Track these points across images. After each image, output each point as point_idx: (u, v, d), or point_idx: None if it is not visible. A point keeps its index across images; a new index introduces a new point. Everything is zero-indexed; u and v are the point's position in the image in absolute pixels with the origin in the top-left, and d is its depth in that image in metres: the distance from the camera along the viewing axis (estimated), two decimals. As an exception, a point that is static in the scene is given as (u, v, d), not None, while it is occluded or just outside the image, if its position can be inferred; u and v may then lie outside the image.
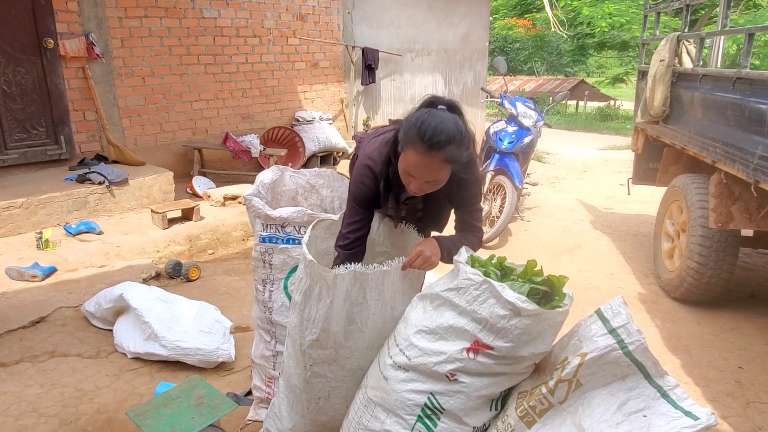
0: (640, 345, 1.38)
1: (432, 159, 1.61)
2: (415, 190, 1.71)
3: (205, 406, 2.01)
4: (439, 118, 1.62)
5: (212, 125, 6.19)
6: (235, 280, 3.91)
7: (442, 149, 1.60)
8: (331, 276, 1.60)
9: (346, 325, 1.69)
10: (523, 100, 5.51)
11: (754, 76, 2.91)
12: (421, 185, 1.69)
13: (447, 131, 1.60)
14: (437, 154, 1.60)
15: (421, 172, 1.65)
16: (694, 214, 3.51)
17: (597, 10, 15.33)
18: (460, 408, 1.55)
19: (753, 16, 12.95)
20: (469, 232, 1.93)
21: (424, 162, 1.62)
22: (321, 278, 1.63)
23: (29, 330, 3.08)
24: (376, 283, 1.64)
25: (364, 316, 1.69)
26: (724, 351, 3.17)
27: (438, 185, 1.72)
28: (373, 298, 1.67)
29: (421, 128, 1.60)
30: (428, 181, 1.67)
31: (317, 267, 1.62)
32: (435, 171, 1.64)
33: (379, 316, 1.71)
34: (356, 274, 1.61)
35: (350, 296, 1.64)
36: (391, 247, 2.06)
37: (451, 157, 1.62)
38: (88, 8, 5.02)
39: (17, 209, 4.10)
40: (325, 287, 1.64)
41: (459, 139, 1.62)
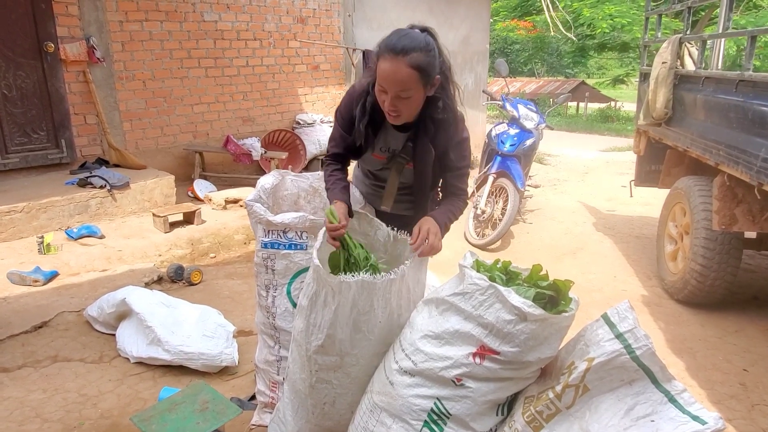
0: (648, 350, 1.38)
1: (398, 63, 1.65)
2: (390, 107, 1.74)
3: (209, 411, 2.01)
4: (407, 31, 1.72)
5: (213, 128, 6.19)
6: (238, 284, 3.91)
7: (408, 54, 1.65)
8: (336, 282, 1.60)
9: (352, 333, 1.68)
10: (525, 103, 5.51)
11: (757, 79, 2.91)
12: (393, 101, 1.72)
13: (413, 38, 1.68)
14: (403, 58, 1.65)
15: (389, 79, 1.68)
16: (698, 217, 3.51)
17: (598, 11, 15.34)
18: (467, 413, 1.54)
19: (754, 16, 12.95)
20: (454, 196, 1.97)
21: (392, 67, 1.66)
22: (327, 284, 1.63)
23: (31, 335, 3.08)
24: (383, 291, 1.63)
25: (371, 325, 1.68)
26: (729, 353, 3.16)
27: (410, 104, 1.74)
28: (380, 306, 1.66)
29: (389, 38, 1.70)
30: (399, 93, 1.70)
31: (323, 272, 1.62)
32: (401, 78, 1.67)
33: (386, 323, 1.70)
34: (363, 283, 1.60)
35: (357, 305, 1.63)
36: (388, 256, 2.03)
37: (418, 63, 1.66)
38: (88, 12, 5.02)
39: (18, 213, 4.10)
40: (331, 293, 1.63)
41: (426, 49, 1.68)
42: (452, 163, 1.92)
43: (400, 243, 1.97)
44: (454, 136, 1.88)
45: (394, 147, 1.97)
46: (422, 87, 1.72)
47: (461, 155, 1.91)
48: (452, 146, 1.88)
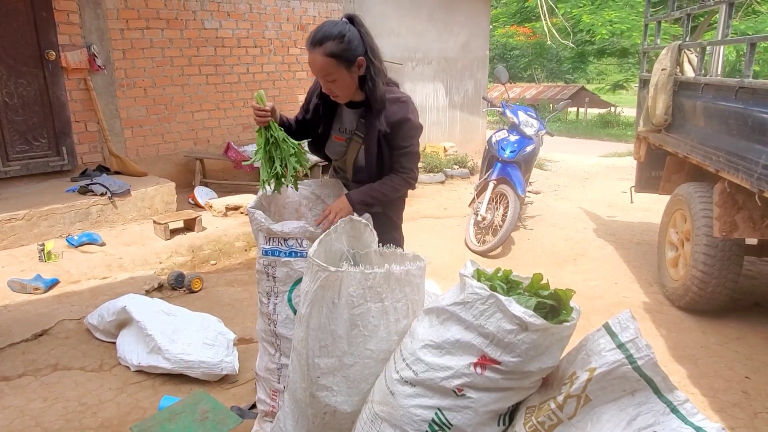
0: (650, 360, 1.37)
1: (315, 54, 1.93)
2: (326, 90, 2.04)
3: (209, 421, 2.00)
4: (324, 23, 1.97)
5: (214, 135, 6.20)
6: (238, 291, 3.90)
7: (321, 44, 1.91)
8: (334, 272, 1.64)
9: (348, 329, 1.69)
10: (525, 109, 5.52)
11: (757, 86, 2.91)
12: (326, 85, 2.01)
13: (325, 30, 1.92)
14: (318, 49, 1.91)
15: (314, 69, 1.97)
16: (698, 223, 3.50)
17: (597, 17, 15.37)
18: (468, 423, 1.53)
19: (753, 22, 12.98)
20: (395, 173, 2.14)
21: (312, 58, 1.95)
22: (327, 280, 1.65)
23: (32, 343, 3.07)
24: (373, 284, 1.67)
25: (365, 320, 1.69)
26: (730, 361, 3.15)
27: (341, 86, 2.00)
28: (372, 300, 1.68)
29: (310, 33, 1.96)
30: (324, 78, 1.98)
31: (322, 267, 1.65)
32: (320, 66, 1.94)
33: (382, 322, 1.71)
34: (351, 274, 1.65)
35: (351, 297, 1.66)
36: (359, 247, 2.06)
37: (331, 50, 1.91)
38: (89, 20, 5.04)
39: (19, 221, 4.10)
40: (330, 288, 1.65)
41: (338, 37, 1.91)
42: (395, 141, 2.09)
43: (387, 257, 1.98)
44: (397, 113, 2.06)
45: (350, 127, 2.18)
46: (344, 69, 1.96)
47: (405, 135, 2.09)
48: (395, 123, 2.06)
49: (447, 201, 6.67)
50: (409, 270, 1.74)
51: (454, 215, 6.06)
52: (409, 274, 1.75)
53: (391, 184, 2.13)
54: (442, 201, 6.66)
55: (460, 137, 8.95)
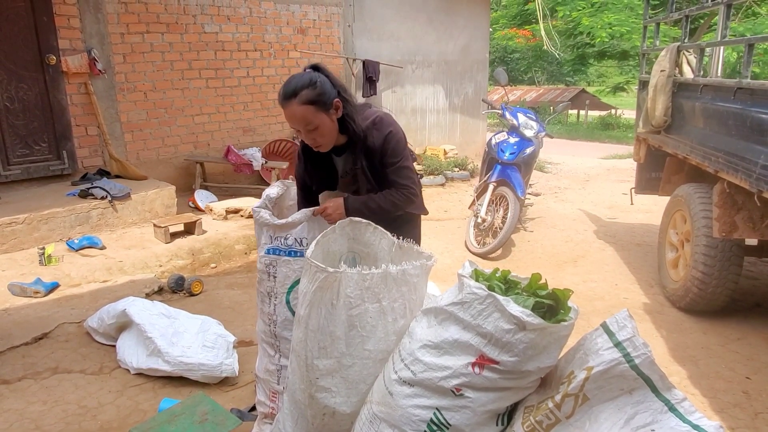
0: (647, 358, 1.37)
1: (291, 106, 1.90)
2: (309, 141, 2.01)
3: (209, 423, 2.00)
4: (292, 76, 1.95)
5: (214, 139, 6.21)
6: (238, 294, 3.91)
7: (296, 95, 1.89)
8: (332, 273, 1.64)
9: (347, 330, 1.69)
10: (525, 111, 5.52)
11: (755, 87, 2.91)
12: (308, 135, 1.98)
13: (296, 80, 1.92)
14: (293, 100, 1.90)
15: (294, 122, 1.94)
16: (698, 224, 3.50)
17: (596, 20, 15.40)
18: (466, 423, 1.53)
19: (752, 23, 13.00)
20: (393, 189, 2.11)
21: (289, 112, 1.92)
22: (327, 280, 1.65)
23: (32, 346, 3.08)
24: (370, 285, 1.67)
25: (363, 320, 1.69)
26: (731, 361, 3.15)
27: (323, 132, 1.97)
28: (369, 301, 1.68)
29: (281, 89, 1.94)
30: (306, 128, 1.95)
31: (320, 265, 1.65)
32: (300, 116, 1.91)
33: (380, 323, 1.71)
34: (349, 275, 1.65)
35: (349, 297, 1.66)
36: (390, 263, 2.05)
37: (307, 99, 1.90)
38: (90, 24, 5.06)
39: (20, 225, 4.11)
40: (329, 289, 1.65)
41: (311, 84, 1.91)
42: (386, 160, 2.09)
43: (406, 251, 1.98)
44: (378, 136, 2.06)
45: (349, 168, 2.18)
46: (324, 114, 1.95)
47: (392, 152, 2.08)
48: (378, 148, 2.06)
49: (447, 203, 6.67)
50: (405, 270, 1.74)
51: (455, 217, 6.07)
52: (406, 274, 1.75)
53: (390, 198, 2.11)
54: (442, 203, 6.66)
55: (461, 140, 8.96)
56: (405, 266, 1.75)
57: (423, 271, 1.81)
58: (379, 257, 2.01)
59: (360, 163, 2.13)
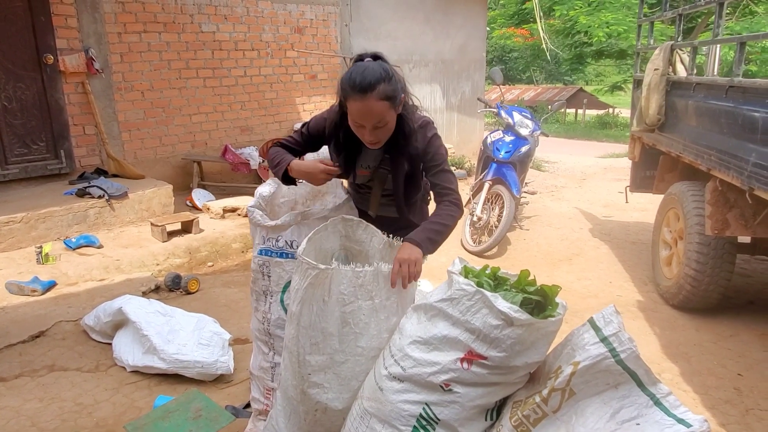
0: (632, 353, 1.39)
1: (368, 100, 1.77)
2: (370, 138, 1.86)
3: (203, 419, 2.02)
4: (363, 66, 1.82)
5: (211, 138, 6.22)
6: (235, 292, 3.92)
7: (375, 89, 1.76)
8: (323, 270, 1.66)
9: (340, 327, 1.72)
10: (520, 110, 5.54)
11: (747, 84, 2.93)
12: (372, 132, 1.84)
13: (374, 73, 1.78)
14: (372, 94, 1.76)
15: (365, 117, 1.80)
16: (691, 222, 3.53)
17: (594, 19, 15.41)
18: (455, 418, 1.55)
19: (749, 22, 13.02)
20: (444, 200, 1.99)
21: (364, 106, 1.78)
22: (318, 277, 1.67)
23: (29, 344, 3.09)
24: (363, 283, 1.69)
25: (356, 317, 1.72)
26: (723, 358, 3.17)
27: (388, 129, 1.87)
28: (363, 298, 1.70)
29: (351, 78, 1.79)
30: (376, 125, 1.83)
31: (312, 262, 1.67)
32: (377, 112, 1.79)
33: (372, 320, 1.73)
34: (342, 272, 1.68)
35: (342, 294, 1.69)
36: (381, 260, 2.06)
37: (385, 94, 1.78)
38: (87, 24, 5.07)
39: (17, 224, 4.12)
40: (320, 286, 1.67)
41: (387, 78, 1.79)
42: (429, 163, 2.01)
43: (396, 249, 1.99)
44: (421, 141, 1.98)
45: (373, 163, 2.10)
46: (393, 112, 1.85)
47: (433, 155, 2.00)
48: (421, 151, 1.99)
49: (444, 202, 6.67)
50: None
51: (451, 216, 6.08)
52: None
53: (446, 213, 1.95)
54: (439, 202, 6.67)
55: (458, 139, 8.97)
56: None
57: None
58: (371, 255, 2.03)
59: (389, 162, 2.03)
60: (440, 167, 2.01)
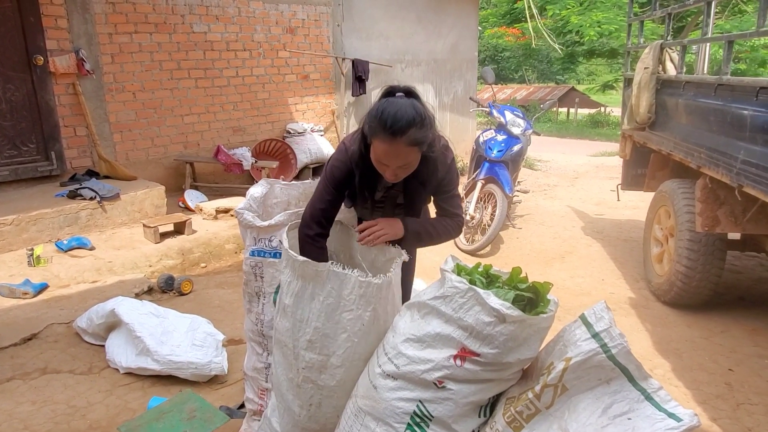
0: (623, 348, 1.41)
1: (398, 145, 1.70)
2: (391, 177, 1.80)
3: (197, 420, 2.02)
4: (397, 105, 1.72)
5: (204, 139, 6.20)
6: (228, 293, 3.92)
7: (405, 134, 1.69)
8: (324, 271, 1.65)
9: (337, 331, 1.71)
10: (512, 109, 5.57)
11: (735, 83, 2.96)
12: (395, 171, 1.78)
13: (406, 116, 1.69)
14: (401, 139, 1.69)
15: (391, 159, 1.74)
16: (682, 219, 3.55)
17: (585, 18, 15.49)
18: (449, 415, 1.56)
19: (739, 21, 13.12)
20: (447, 217, 2.02)
21: (391, 149, 1.72)
22: (315, 275, 1.66)
23: (20, 347, 3.07)
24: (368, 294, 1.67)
25: (355, 326, 1.70)
26: (714, 354, 3.20)
27: (410, 168, 1.81)
28: (363, 308, 1.69)
29: (382, 118, 1.70)
30: (400, 166, 1.77)
31: (311, 264, 1.67)
32: (403, 156, 1.74)
33: (372, 329, 1.73)
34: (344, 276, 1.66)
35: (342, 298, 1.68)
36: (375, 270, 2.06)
37: (415, 140, 1.71)
38: (78, 25, 5.04)
39: (8, 226, 4.09)
40: (319, 284, 1.67)
41: (419, 122, 1.71)
42: (443, 188, 1.99)
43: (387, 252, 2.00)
44: (441, 168, 1.93)
45: (384, 188, 2.04)
46: (419, 153, 1.78)
47: (449, 181, 1.98)
48: (439, 178, 1.94)
49: (437, 201, 6.69)
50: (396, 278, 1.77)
51: (444, 215, 6.09)
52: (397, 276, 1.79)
53: (445, 225, 2.00)
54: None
55: (450, 138, 8.96)
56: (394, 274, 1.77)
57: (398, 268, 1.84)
58: (353, 255, 2.04)
59: (402, 185, 1.96)
60: (451, 192, 2.01)
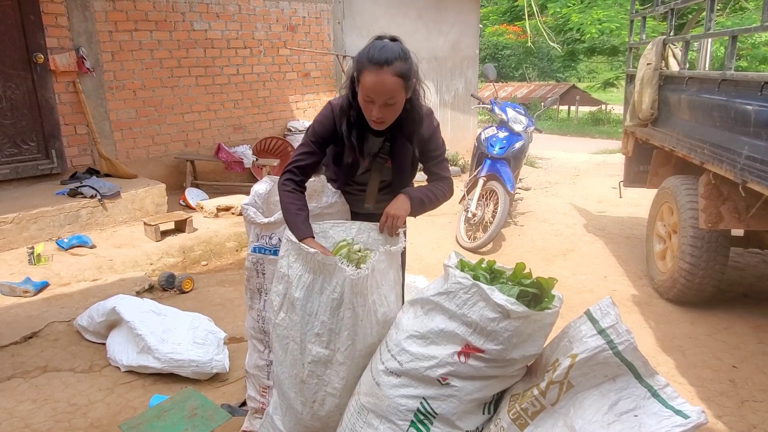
0: (630, 345, 1.39)
1: (383, 74, 1.76)
2: (378, 115, 1.83)
3: (198, 418, 2.01)
4: (383, 43, 1.83)
5: (204, 137, 6.19)
6: (229, 291, 3.90)
7: (391, 64, 1.77)
8: (332, 264, 1.65)
9: (341, 328, 1.70)
10: (514, 106, 5.55)
11: (738, 78, 2.94)
12: (381, 109, 1.82)
13: (393, 50, 1.80)
14: (387, 68, 1.76)
15: (377, 90, 1.78)
16: (685, 215, 3.53)
17: (586, 16, 15.45)
18: (453, 412, 1.55)
19: (740, 18, 13.09)
20: (439, 180, 2.10)
21: (378, 79, 1.77)
22: (323, 268, 1.66)
23: (21, 345, 3.06)
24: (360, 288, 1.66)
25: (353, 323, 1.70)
26: (718, 351, 3.18)
27: (395, 109, 1.86)
28: (360, 304, 1.68)
29: (369, 52, 1.80)
30: (387, 101, 1.81)
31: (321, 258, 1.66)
32: (389, 87, 1.78)
33: (367, 323, 1.72)
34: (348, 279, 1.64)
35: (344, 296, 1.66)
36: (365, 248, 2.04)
37: (401, 71, 1.78)
38: (78, 23, 5.03)
39: (8, 224, 4.08)
40: (327, 277, 1.66)
41: (404, 57, 1.81)
42: (430, 153, 2.07)
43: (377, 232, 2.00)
44: (428, 128, 2.02)
45: (372, 151, 2.07)
46: (404, 92, 1.84)
47: (436, 144, 2.07)
48: (427, 138, 2.03)
49: (438, 199, 6.67)
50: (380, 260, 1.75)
51: (446, 213, 6.07)
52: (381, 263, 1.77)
53: (441, 189, 2.07)
54: (433, 199, 6.67)
55: (451, 136, 8.96)
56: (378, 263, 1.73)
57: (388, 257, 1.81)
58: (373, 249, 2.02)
59: (390, 150, 2.02)
60: (441, 157, 2.10)
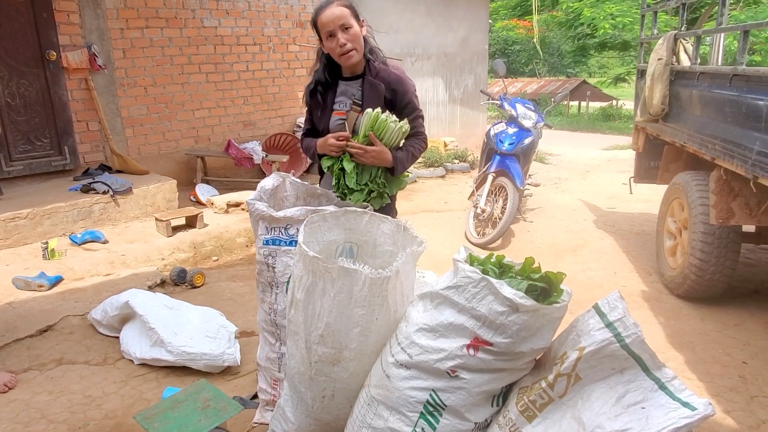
0: (637, 338, 1.40)
1: (332, 7, 2.11)
2: (343, 41, 2.11)
3: (211, 409, 2.03)
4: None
5: (214, 133, 6.24)
6: (240, 286, 3.94)
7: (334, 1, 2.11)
8: (335, 268, 1.64)
9: (350, 326, 1.71)
10: (523, 102, 5.53)
11: (750, 73, 2.93)
12: (342, 36, 2.11)
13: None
14: (333, 3, 2.11)
15: (331, 19, 2.10)
16: (695, 211, 3.52)
17: (598, 11, 15.33)
18: (462, 404, 1.56)
19: (753, 12, 12.95)
20: (413, 137, 2.29)
21: (328, 11, 2.10)
22: (325, 272, 1.66)
23: (36, 338, 3.12)
24: (379, 287, 1.65)
25: (367, 321, 1.70)
26: (728, 347, 3.17)
27: (355, 35, 2.14)
28: (377, 303, 1.68)
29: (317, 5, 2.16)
30: (343, 26, 2.10)
31: (321, 261, 1.65)
32: (339, 13, 2.10)
33: (384, 321, 1.72)
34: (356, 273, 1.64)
35: (352, 295, 1.66)
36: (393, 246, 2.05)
37: (346, 3, 2.13)
38: (89, 20, 5.08)
39: (23, 220, 4.15)
40: (330, 281, 1.66)
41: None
42: (401, 105, 2.24)
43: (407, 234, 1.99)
44: (393, 74, 2.24)
45: (348, 101, 2.30)
46: (356, 21, 2.15)
47: (408, 95, 2.25)
48: (394, 81, 2.23)
49: (447, 195, 6.69)
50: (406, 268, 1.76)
51: (455, 209, 6.09)
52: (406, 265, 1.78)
53: (416, 145, 2.29)
54: (442, 195, 6.68)
55: (461, 132, 8.96)
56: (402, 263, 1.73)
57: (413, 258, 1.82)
58: (379, 242, 2.03)
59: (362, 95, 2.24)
60: (417, 112, 2.29)
